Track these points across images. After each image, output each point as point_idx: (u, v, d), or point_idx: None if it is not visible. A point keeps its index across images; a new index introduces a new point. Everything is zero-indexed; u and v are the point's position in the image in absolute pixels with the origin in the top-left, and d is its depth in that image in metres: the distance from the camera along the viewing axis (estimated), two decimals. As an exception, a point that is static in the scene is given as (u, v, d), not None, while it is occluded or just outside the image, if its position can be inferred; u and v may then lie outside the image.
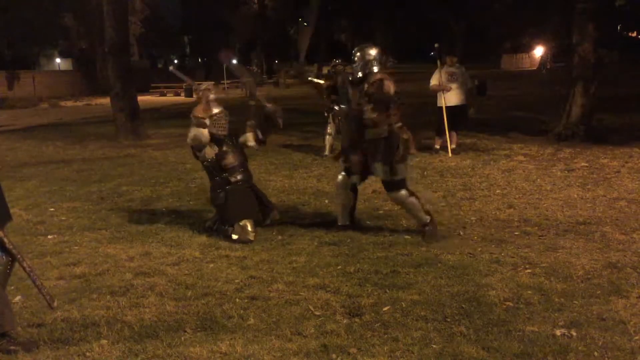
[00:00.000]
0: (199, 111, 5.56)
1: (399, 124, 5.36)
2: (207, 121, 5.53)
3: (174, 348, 3.41)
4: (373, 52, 5.49)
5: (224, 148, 5.66)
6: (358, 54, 5.51)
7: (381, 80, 5.31)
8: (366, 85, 5.35)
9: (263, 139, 5.97)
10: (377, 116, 5.26)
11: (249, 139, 5.87)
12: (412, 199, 5.40)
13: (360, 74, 5.45)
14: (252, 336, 3.53)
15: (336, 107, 5.63)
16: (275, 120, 6.00)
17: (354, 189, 5.76)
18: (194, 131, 5.56)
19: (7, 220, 3.55)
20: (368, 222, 6.00)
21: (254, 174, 7.30)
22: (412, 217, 5.56)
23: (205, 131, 5.53)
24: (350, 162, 5.56)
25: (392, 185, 5.39)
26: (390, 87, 5.31)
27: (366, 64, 5.44)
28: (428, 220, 5.41)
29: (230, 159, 5.69)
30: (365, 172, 5.58)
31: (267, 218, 5.85)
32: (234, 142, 5.82)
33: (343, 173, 5.69)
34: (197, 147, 5.63)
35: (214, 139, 5.61)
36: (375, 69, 5.41)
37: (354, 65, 5.54)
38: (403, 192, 5.39)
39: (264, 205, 5.88)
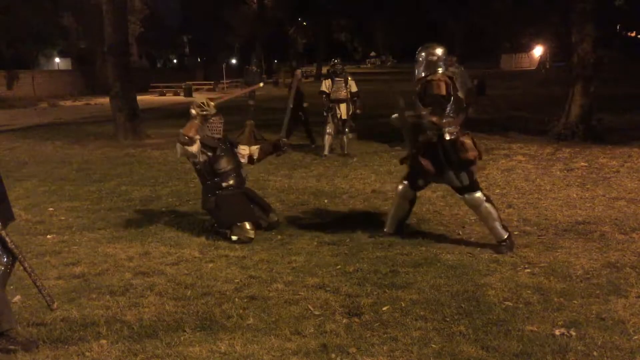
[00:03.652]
0: (189, 130, 5.31)
1: (453, 128, 4.95)
2: (197, 142, 5.44)
3: (173, 348, 3.41)
4: (439, 51, 5.07)
5: (218, 152, 5.65)
6: (423, 53, 5.10)
7: (430, 81, 4.94)
8: (418, 86, 5.05)
9: (255, 159, 5.99)
10: (436, 119, 4.88)
11: (242, 154, 5.89)
12: (489, 206, 4.99)
13: (423, 74, 5.07)
14: (252, 336, 3.53)
15: (393, 117, 5.20)
16: (281, 151, 6.03)
17: (412, 202, 5.47)
18: (180, 148, 5.44)
19: (10, 219, 3.55)
20: (367, 222, 5.99)
21: (253, 173, 7.31)
22: (487, 228, 5.11)
23: (194, 147, 5.44)
24: (416, 167, 5.20)
25: (463, 188, 5.02)
26: (440, 88, 4.87)
27: (429, 64, 5.04)
28: (506, 237, 4.96)
29: (223, 164, 5.68)
30: (429, 178, 5.23)
31: (264, 221, 5.84)
32: (228, 146, 5.82)
33: (405, 182, 5.35)
34: (190, 155, 5.60)
35: (208, 144, 5.60)
36: (440, 71, 5.01)
37: (417, 66, 5.15)
38: (478, 194, 4.99)
39: (263, 208, 5.87)
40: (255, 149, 6.02)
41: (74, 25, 38.13)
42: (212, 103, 5.53)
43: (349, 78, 10.33)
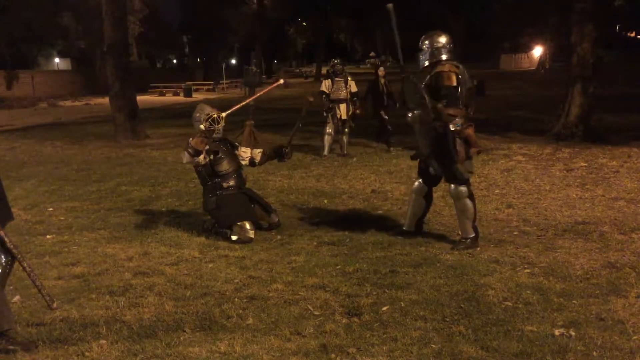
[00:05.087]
0: (199, 144, 5.34)
1: (457, 121, 4.94)
2: (203, 155, 5.46)
3: (173, 348, 3.41)
4: (443, 39, 5.10)
5: (220, 154, 5.65)
6: (426, 41, 5.12)
7: (440, 72, 4.94)
8: (427, 77, 5.05)
9: (256, 162, 5.99)
10: (453, 111, 4.84)
11: (243, 156, 5.89)
12: (469, 202, 5.05)
13: (427, 63, 5.10)
14: (251, 336, 3.53)
15: (409, 115, 5.05)
16: (283, 158, 6.05)
17: (429, 198, 5.45)
18: (187, 158, 5.44)
19: (9, 219, 3.55)
20: (367, 222, 6.00)
21: (253, 173, 7.31)
22: (459, 223, 5.20)
23: (201, 157, 5.47)
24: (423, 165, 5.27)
25: (454, 177, 5.05)
26: (451, 79, 4.88)
27: (433, 52, 5.07)
28: (471, 236, 5.07)
29: (225, 165, 5.69)
30: (434, 176, 5.25)
31: (265, 221, 5.84)
32: (228, 147, 5.82)
33: (420, 180, 5.38)
34: (195, 163, 5.59)
35: (211, 148, 5.60)
36: (444, 57, 5.04)
37: (421, 54, 5.16)
38: (464, 188, 5.04)
39: (265, 208, 5.87)
40: (257, 152, 6.00)
41: (73, 25, 38.04)
42: (223, 115, 5.53)
43: (349, 78, 10.33)
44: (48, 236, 5.84)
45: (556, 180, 7.78)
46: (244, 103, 5.99)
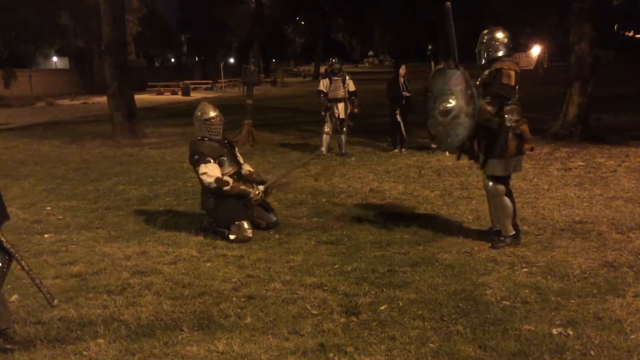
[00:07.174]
0: (228, 189, 5.51)
1: (514, 119, 4.96)
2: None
3: (170, 347, 3.41)
4: (501, 35, 5.05)
5: (222, 157, 5.65)
6: (486, 37, 5.07)
7: (500, 69, 4.88)
8: (486, 72, 5.01)
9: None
10: (493, 109, 4.86)
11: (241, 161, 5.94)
12: (507, 201, 5.02)
13: (484, 59, 5.07)
14: (249, 335, 3.53)
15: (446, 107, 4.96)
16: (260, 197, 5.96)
17: (510, 195, 5.17)
18: (209, 185, 5.54)
19: (5, 219, 3.54)
20: (365, 221, 6.00)
21: (251, 172, 7.28)
22: (497, 221, 5.19)
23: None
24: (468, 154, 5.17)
25: (494, 176, 5.01)
26: (510, 78, 4.84)
27: (491, 48, 5.03)
28: (511, 234, 5.05)
29: (226, 167, 5.70)
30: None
31: (263, 221, 5.83)
32: (229, 148, 5.83)
33: (502, 185, 5.08)
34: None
35: (215, 154, 5.61)
36: (501, 54, 4.99)
37: (481, 49, 5.11)
38: (501, 186, 5.00)
39: (264, 208, 5.87)
40: (247, 167, 6.03)
41: (71, 24, 38.01)
42: (261, 189, 5.72)
43: (347, 77, 10.33)
44: (46, 235, 5.83)
45: (554, 179, 7.79)
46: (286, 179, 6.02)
